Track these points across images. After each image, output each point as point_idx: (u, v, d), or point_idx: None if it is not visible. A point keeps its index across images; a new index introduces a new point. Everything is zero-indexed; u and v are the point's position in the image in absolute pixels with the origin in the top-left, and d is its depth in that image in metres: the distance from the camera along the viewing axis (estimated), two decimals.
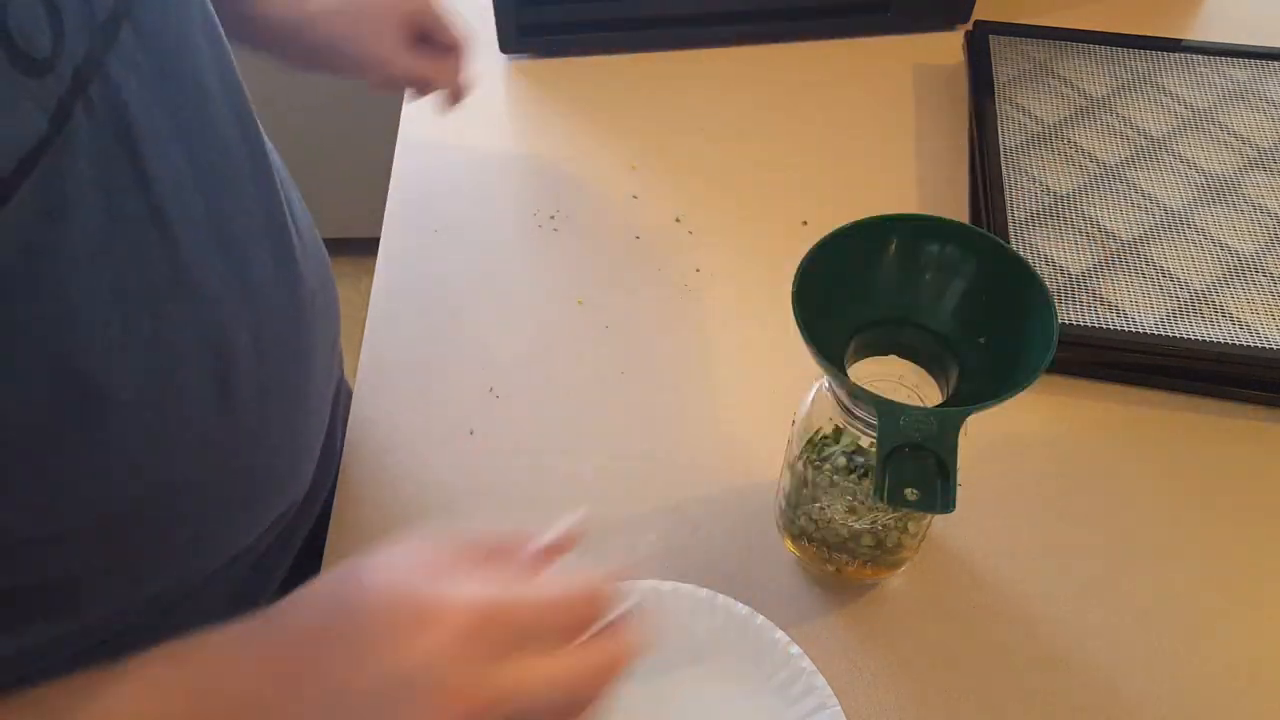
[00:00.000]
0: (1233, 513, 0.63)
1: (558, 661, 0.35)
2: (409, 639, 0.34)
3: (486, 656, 0.34)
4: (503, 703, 0.34)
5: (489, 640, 0.34)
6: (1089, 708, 0.55)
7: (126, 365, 0.39)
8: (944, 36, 0.94)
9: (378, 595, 0.35)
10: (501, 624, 0.34)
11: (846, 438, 0.53)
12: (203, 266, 0.42)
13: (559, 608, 0.36)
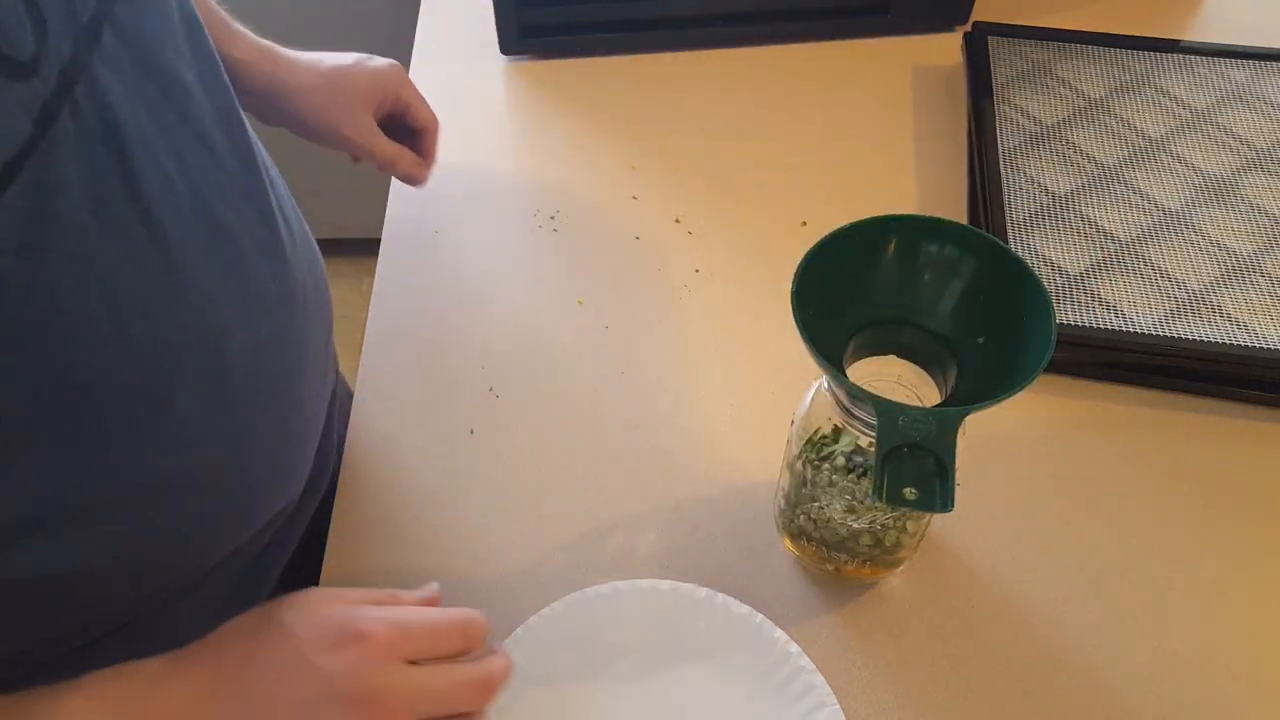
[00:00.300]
0: (1231, 512, 0.63)
1: (453, 675, 0.42)
2: (335, 651, 0.39)
3: (400, 665, 0.40)
4: (417, 703, 0.40)
5: (401, 652, 0.41)
6: (1088, 707, 0.55)
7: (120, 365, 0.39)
8: (943, 37, 0.94)
9: (301, 619, 0.41)
10: (411, 639, 0.41)
11: (846, 437, 0.54)
12: (194, 266, 0.42)
13: (454, 627, 0.44)
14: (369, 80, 0.70)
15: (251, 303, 0.47)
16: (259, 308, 0.48)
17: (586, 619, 0.57)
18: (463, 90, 0.90)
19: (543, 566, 0.61)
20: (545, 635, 0.57)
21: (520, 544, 0.62)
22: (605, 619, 0.57)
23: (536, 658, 0.56)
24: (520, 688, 0.55)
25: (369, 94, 0.70)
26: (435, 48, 0.94)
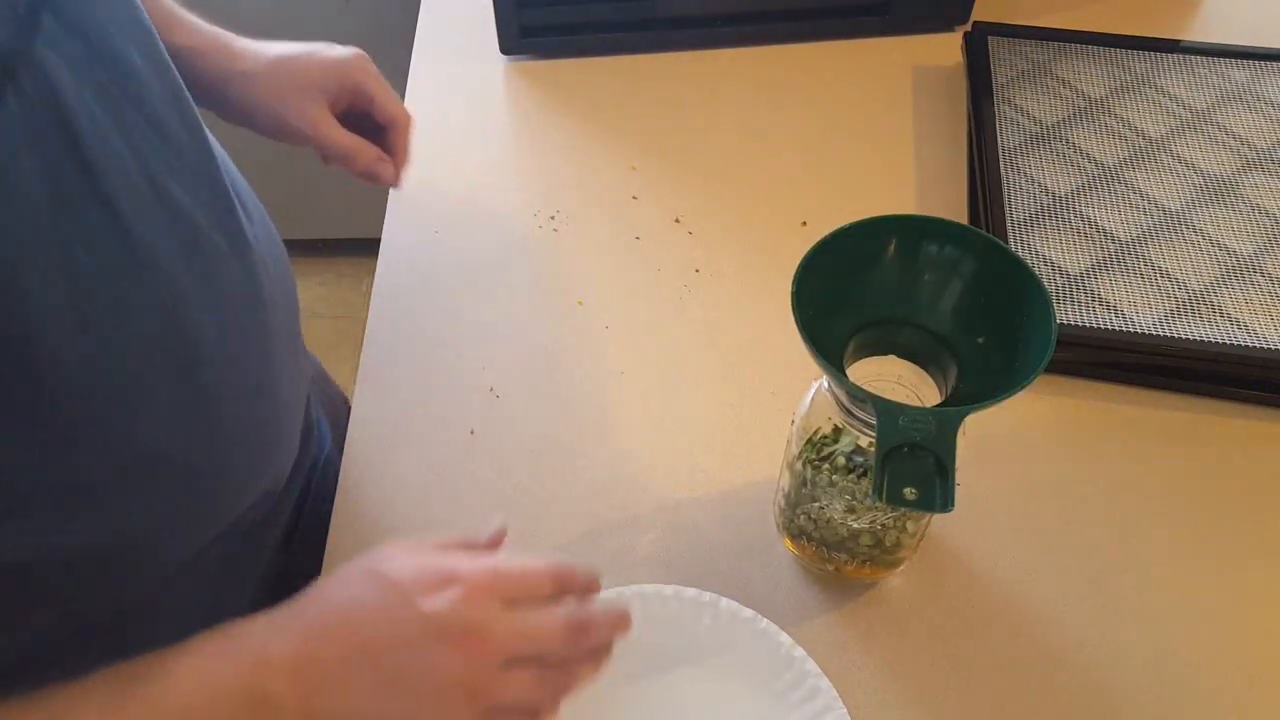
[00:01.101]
0: (1231, 512, 0.63)
1: (554, 618, 0.43)
2: (435, 594, 0.41)
3: (497, 605, 0.42)
4: (508, 645, 0.42)
5: (496, 593, 0.42)
6: (1088, 706, 0.55)
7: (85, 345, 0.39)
8: (943, 37, 0.94)
9: (397, 567, 0.43)
10: (505, 580, 0.43)
11: (846, 437, 0.54)
12: (153, 245, 0.43)
13: (545, 571, 0.44)
14: (321, 68, 0.66)
15: (214, 285, 0.47)
16: (222, 290, 0.48)
17: None
18: (463, 90, 0.90)
19: None
20: None
21: (520, 544, 0.62)
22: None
23: None
24: None
25: (321, 82, 0.66)
26: (435, 48, 0.94)
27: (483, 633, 0.41)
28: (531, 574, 0.44)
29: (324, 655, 0.41)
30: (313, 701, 0.41)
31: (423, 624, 0.41)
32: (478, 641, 0.41)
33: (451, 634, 0.41)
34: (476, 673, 0.41)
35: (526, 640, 0.43)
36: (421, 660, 0.41)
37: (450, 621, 0.41)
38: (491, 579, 0.43)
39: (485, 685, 0.42)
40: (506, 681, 0.42)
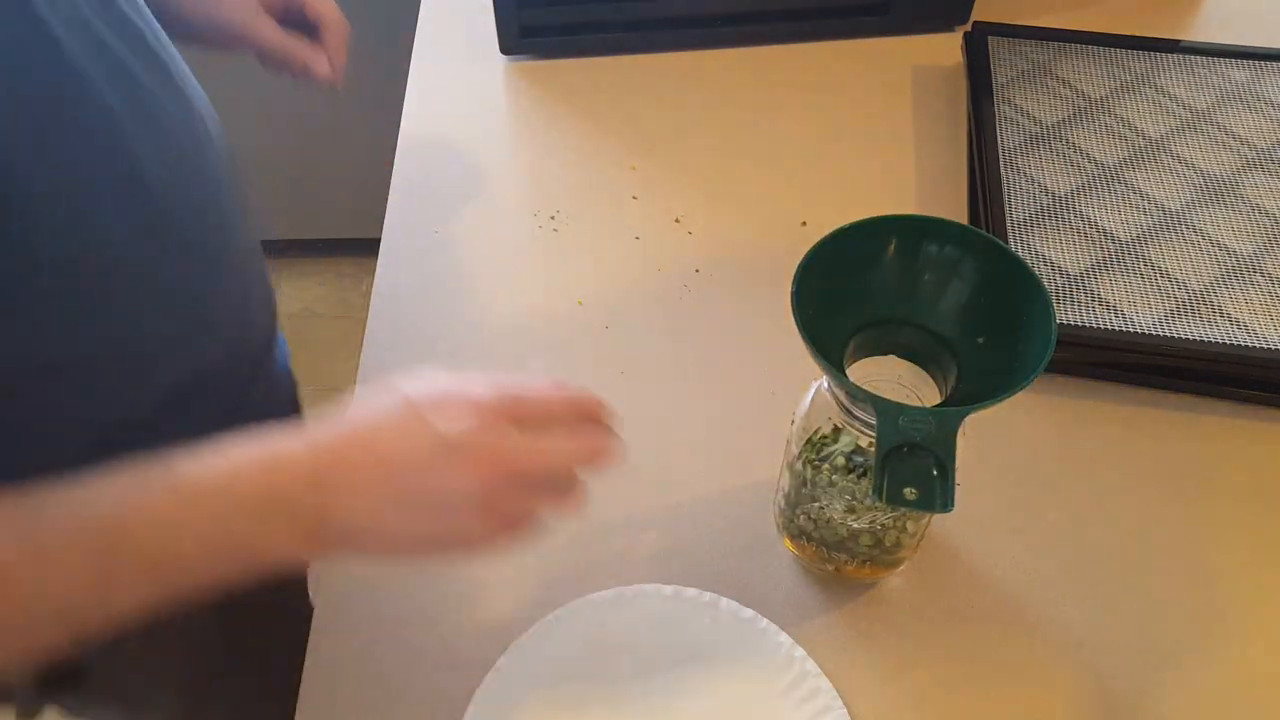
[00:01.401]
0: (1231, 512, 0.63)
1: (565, 440, 0.45)
2: (451, 414, 0.43)
3: (510, 426, 0.43)
4: (521, 466, 0.43)
5: (510, 415, 0.44)
6: (1089, 706, 0.56)
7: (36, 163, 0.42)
8: (943, 38, 0.94)
9: (417, 388, 0.44)
10: (520, 406, 0.44)
11: (845, 437, 0.54)
12: (90, 80, 0.45)
13: (561, 401, 0.46)
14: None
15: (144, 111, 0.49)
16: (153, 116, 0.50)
17: (590, 624, 0.57)
18: (463, 90, 0.90)
19: (543, 567, 0.61)
20: (549, 641, 0.57)
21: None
22: (609, 624, 0.57)
23: (540, 663, 0.56)
24: (525, 693, 0.55)
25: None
26: (435, 48, 0.94)
27: (496, 453, 0.43)
28: (546, 399, 0.46)
29: (343, 463, 0.43)
30: (328, 505, 0.42)
31: (439, 443, 0.42)
32: (491, 461, 0.43)
33: (466, 453, 0.42)
34: (489, 490, 0.43)
35: (537, 461, 0.44)
36: (436, 477, 0.43)
37: (465, 441, 0.42)
38: (506, 400, 0.44)
39: (497, 502, 0.43)
40: (517, 499, 0.44)
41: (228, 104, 1.75)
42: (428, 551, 0.46)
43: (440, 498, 0.43)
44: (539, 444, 0.44)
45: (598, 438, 0.46)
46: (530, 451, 0.44)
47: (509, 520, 0.45)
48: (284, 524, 0.42)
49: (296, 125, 1.60)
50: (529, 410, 0.45)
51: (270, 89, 1.56)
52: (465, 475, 0.43)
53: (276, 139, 1.62)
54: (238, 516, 0.41)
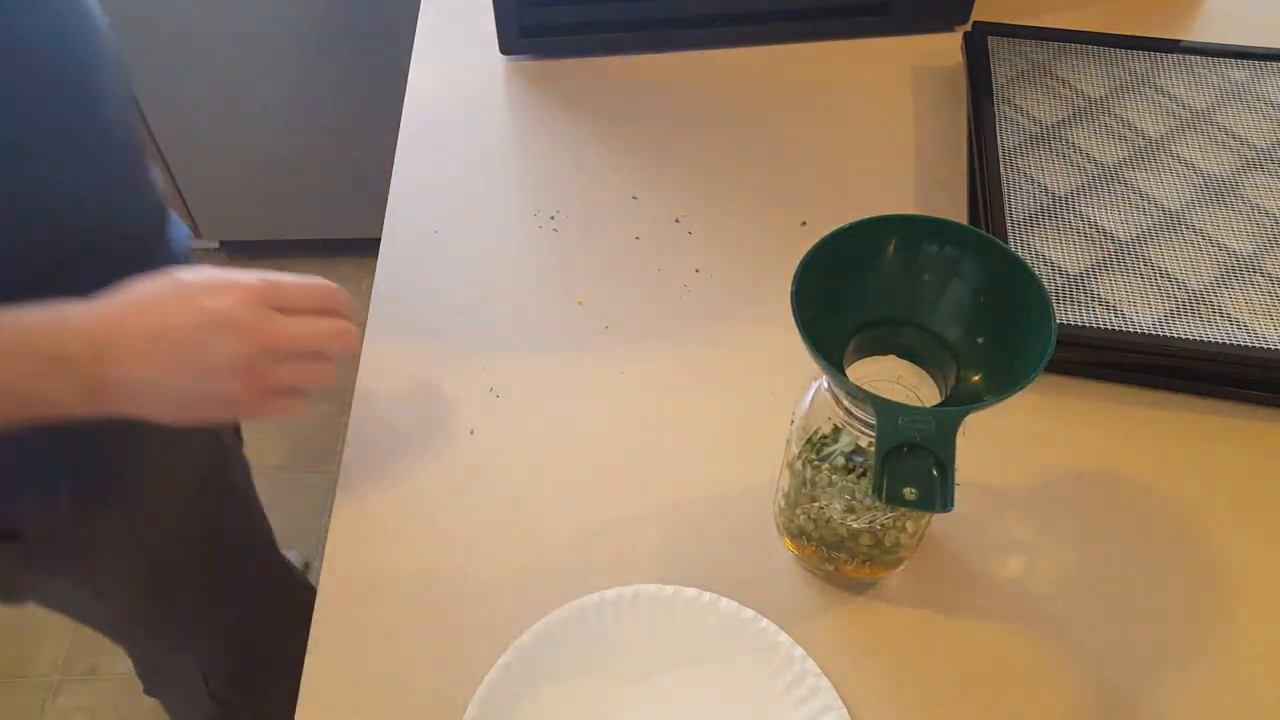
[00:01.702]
0: (1231, 512, 0.63)
1: (315, 322, 0.53)
2: (219, 294, 0.50)
3: (270, 312, 0.51)
4: (279, 342, 0.51)
5: (270, 302, 0.51)
6: (1088, 705, 0.56)
7: None
8: (943, 37, 0.94)
9: (191, 274, 0.51)
10: (279, 293, 0.52)
11: (845, 437, 0.54)
12: None
13: (313, 286, 0.54)
14: None
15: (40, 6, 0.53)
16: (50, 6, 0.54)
17: (590, 624, 0.57)
18: (463, 90, 0.90)
19: (543, 566, 0.61)
20: (549, 641, 0.57)
21: (520, 544, 0.62)
22: (609, 624, 0.58)
23: (540, 663, 0.56)
24: (525, 693, 0.55)
25: None
26: (435, 48, 0.94)
27: (258, 328, 0.50)
28: (301, 287, 0.53)
29: (122, 329, 0.49)
30: (106, 367, 0.49)
31: (210, 316, 0.49)
32: (253, 334, 0.50)
33: (232, 327, 0.50)
34: (254, 360, 0.50)
35: (296, 339, 0.52)
36: (207, 345, 0.49)
37: (233, 316, 0.50)
38: (265, 286, 0.51)
39: (260, 370, 0.51)
40: (278, 369, 0.52)
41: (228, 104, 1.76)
42: (198, 413, 0.52)
43: (209, 364, 0.50)
44: (294, 324, 0.52)
45: (342, 324, 0.54)
46: (287, 329, 0.51)
47: (269, 387, 0.52)
48: (66, 382, 0.48)
49: (296, 125, 1.60)
50: (286, 297, 0.52)
51: (270, 89, 1.56)
52: (232, 345, 0.50)
53: (277, 139, 1.62)
54: (26, 372, 0.48)
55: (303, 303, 0.53)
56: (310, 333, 0.53)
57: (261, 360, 0.51)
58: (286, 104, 1.57)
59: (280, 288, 0.52)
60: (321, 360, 0.54)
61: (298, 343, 0.52)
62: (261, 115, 1.59)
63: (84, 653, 1.40)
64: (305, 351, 0.53)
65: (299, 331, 0.52)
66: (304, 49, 1.50)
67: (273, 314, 0.51)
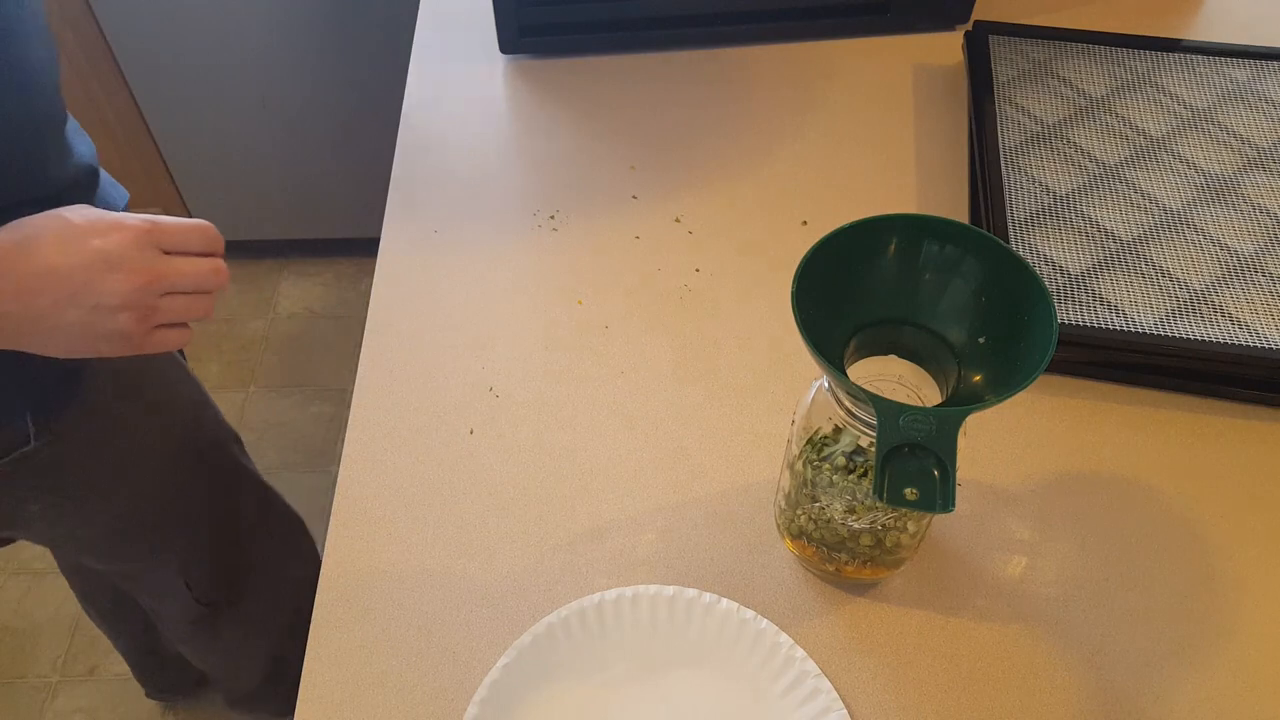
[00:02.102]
0: (1232, 512, 0.63)
1: (196, 261, 0.56)
2: (106, 234, 0.52)
3: (155, 252, 0.54)
4: (165, 279, 0.54)
5: (155, 242, 0.54)
6: (1088, 705, 0.55)
7: None
8: (944, 37, 0.94)
9: (76, 214, 0.53)
10: (163, 233, 0.55)
11: (846, 437, 0.53)
12: None
13: (195, 227, 0.56)
14: None
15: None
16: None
17: (590, 625, 0.57)
18: (463, 90, 0.90)
19: (543, 566, 0.61)
20: (549, 641, 0.57)
21: (520, 544, 0.62)
22: (609, 625, 0.57)
23: (540, 664, 0.56)
24: (525, 693, 0.55)
25: None
26: (435, 48, 0.94)
27: (146, 267, 0.53)
28: (180, 227, 0.56)
29: (11, 265, 0.50)
30: None
31: (96, 255, 0.52)
32: (140, 271, 0.53)
33: (122, 266, 0.52)
34: (141, 296, 0.53)
35: (180, 277, 0.55)
36: (95, 283, 0.52)
37: (121, 255, 0.52)
38: (150, 226, 0.54)
39: (148, 307, 0.54)
40: (164, 305, 0.55)
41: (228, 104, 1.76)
42: (88, 347, 0.55)
43: (97, 301, 0.52)
44: (178, 262, 0.55)
45: (219, 262, 0.57)
46: (172, 267, 0.54)
47: (157, 321, 0.55)
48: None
49: (296, 125, 1.60)
50: (169, 237, 0.55)
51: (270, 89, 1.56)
52: (120, 282, 0.52)
53: (277, 139, 1.62)
54: None
55: (184, 243, 0.56)
56: (193, 271, 0.56)
57: (148, 296, 0.54)
58: (286, 104, 1.57)
59: (163, 228, 0.55)
60: (202, 296, 0.57)
61: (182, 280, 0.55)
62: (261, 115, 1.58)
63: (84, 653, 1.40)
64: (188, 286, 0.56)
65: (182, 270, 0.55)
66: (304, 49, 1.50)
67: (158, 253, 0.54)
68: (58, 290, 0.52)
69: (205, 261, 0.57)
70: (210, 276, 0.57)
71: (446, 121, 0.87)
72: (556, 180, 0.83)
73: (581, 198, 0.81)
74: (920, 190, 0.81)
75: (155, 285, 0.54)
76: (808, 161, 0.84)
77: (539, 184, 0.82)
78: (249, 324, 1.78)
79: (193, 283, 0.56)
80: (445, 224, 0.79)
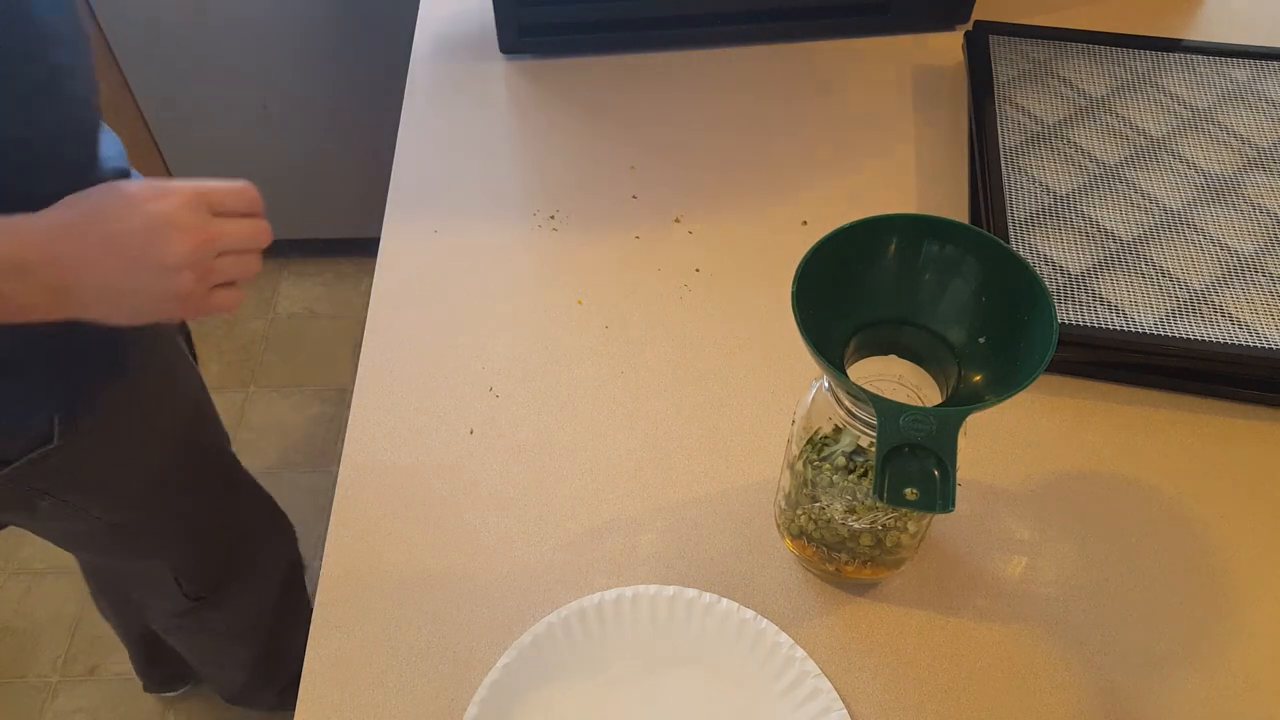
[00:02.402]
0: (1232, 512, 0.63)
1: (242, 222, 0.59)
2: (160, 198, 0.55)
3: (206, 213, 0.56)
4: (219, 239, 0.57)
5: (205, 203, 0.57)
6: (1088, 705, 0.55)
7: None
8: (944, 37, 0.94)
9: (130, 183, 0.56)
10: (211, 196, 0.57)
11: (846, 437, 0.53)
12: None
13: (239, 194, 0.59)
14: None
15: None
16: None
17: (590, 625, 0.57)
18: (463, 90, 0.90)
19: (543, 566, 0.61)
20: (549, 641, 0.57)
21: (520, 544, 0.62)
22: (609, 624, 0.57)
23: (540, 663, 0.56)
24: (525, 693, 0.55)
25: None
26: (435, 48, 0.94)
27: (202, 226, 0.56)
28: (227, 192, 0.58)
29: (81, 238, 0.53)
30: (66, 274, 0.53)
31: (156, 218, 0.54)
32: (196, 233, 0.55)
33: (178, 227, 0.55)
34: (200, 255, 0.56)
35: (231, 237, 0.58)
36: (157, 244, 0.54)
37: (176, 217, 0.55)
38: (201, 190, 0.57)
39: (206, 266, 0.56)
40: (219, 265, 0.57)
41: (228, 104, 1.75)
42: (152, 310, 0.57)
43: (160, 261, 0.54)
44: (227, 224, 0.57)
45: (264, 223, 0.60)
46: (228, 231, 0.57)
47: (214, 281, 0.57)
48: (29, 288, 0.52)
49: (296, 125, 1.60)
50: (216, 200, 0.57)
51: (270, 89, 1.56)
52: (180, 243, 0.54)
53: (276, 139, 1.62)
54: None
55: (231, 205, 0.59)
56: (240, 231, 0.59)
57: (206, 256, 0.56)
58: (286, 104, 1.57)
59: (210, 191, 0.57)
60: (251, 255, 0.60)
61: (233, 239, 0.58)
62: (261, 115, 1.58)
63: (84, 653, 1.40)
64: (240, 247, 0.59)
65: (232, 230, 0.58)
66: (304, 49, 1.50)
67: (209, 214, 0.57)
68: (124, 255, 0.54)
69: (250, 221, 0.59)
70: (257, 235, 0.60)
71: (446, 121, 0.87)
72: (556, 180, 0.83)
73: (581, 198, 0.81)
74: (920, 190, 0.81)
75: (211, 245, 0.56)
76: (808, 162, 0.84)
77: (539, 184, 0.82)
78: (249, 324, 1.78)
79: (242, 242, 0.58)
80: (445, 224, 0.79)
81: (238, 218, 0.59)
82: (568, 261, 0.77)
